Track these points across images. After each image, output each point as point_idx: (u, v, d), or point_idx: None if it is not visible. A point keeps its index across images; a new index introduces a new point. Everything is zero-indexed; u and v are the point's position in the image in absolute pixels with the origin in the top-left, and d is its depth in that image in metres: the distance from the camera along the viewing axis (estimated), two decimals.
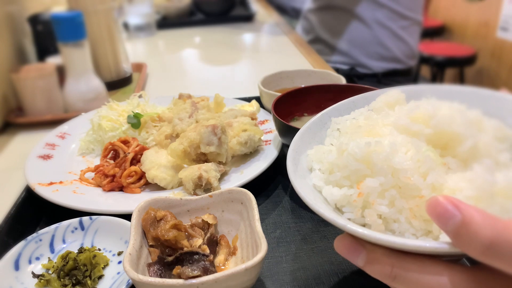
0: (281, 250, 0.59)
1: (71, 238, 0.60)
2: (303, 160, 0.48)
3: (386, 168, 0.39)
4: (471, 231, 0.30)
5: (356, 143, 0.42)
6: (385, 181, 0.39)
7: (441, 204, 0.32)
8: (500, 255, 0.29)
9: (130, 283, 0.50)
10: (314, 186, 0.45)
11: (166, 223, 0.53)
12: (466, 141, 0.39)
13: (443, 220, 0.31)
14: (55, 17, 1.03)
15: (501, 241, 0.29)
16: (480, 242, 0.30)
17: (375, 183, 0.39)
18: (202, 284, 0.42)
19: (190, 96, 0.94)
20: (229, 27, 2.11)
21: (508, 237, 0.29)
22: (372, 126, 0.46)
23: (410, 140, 0.41)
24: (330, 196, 0.43)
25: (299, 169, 0.46)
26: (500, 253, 0.29)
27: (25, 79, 1.05)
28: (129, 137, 0.81)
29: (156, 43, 1.96)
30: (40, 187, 0.69)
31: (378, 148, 0.40)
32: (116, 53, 1.30)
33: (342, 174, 0.43)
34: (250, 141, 0.76)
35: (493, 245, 0.29)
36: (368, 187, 0.39)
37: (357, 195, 0.40)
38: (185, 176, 0.67)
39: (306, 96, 0.83)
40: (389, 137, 0.43)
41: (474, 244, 0.30)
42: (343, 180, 0.43)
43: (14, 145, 1.00)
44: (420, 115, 0.43)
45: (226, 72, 1.55)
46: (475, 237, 0.30)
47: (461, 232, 0.31)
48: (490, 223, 0.30)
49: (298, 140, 0.50)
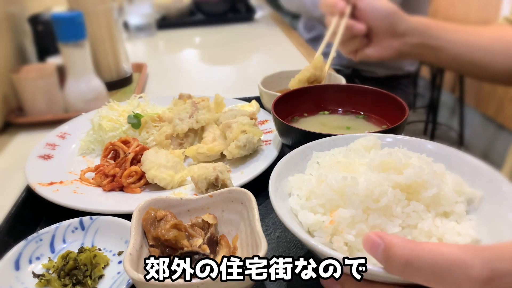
0: (281, 250, 0.59)
1: (72, 238, 0.60)
2: (284, 185, 0.53)
3: (358, 203, 0.44)
4: (391, 254, 0.35)
5: (334, 176, 0.47)
6: (356, 214, 0.44)
7: (370, 237, 0.37)
8: (416, 272, 0.35)
9: (130, 283, 0.50)
10: (291, 209, 0.50)
11: (166, 223, 0.53)
12: (431, 189, 0.45)
13: (373, 250, 0.37)
14: (55, 17, 1.03)
15: (414, 258, 0.34)
16: (398, 261, 0.35)
17: (347, 214, 0.44)
18: (202, 284, 0.42)
19: (190, 96, 0.94)
20: (229, 27, 2.11)
21: (420, 254, 0.34)
22: (349, 163, 0.52)
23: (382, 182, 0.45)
24: (304, 219, 0.47)
25: (280, 192, 0.51)
26: (415, 269, 0.34)
27: (26, 79, 1.05)
28: (130, 137, 0.81)
29: (156, 43, 1.96)
30: (40, 187, 0.69)
31: (353, 183, 0.45)
32: (116, 53, 1.30)
33: (318, 201, 0.47)
34: (249, 143, 0.76)
35: (408, 263, 0.34)
36: (339, 217, 0.44)
37: (329, 222, 0.45)
38: (198, 175, 0.67)
39: (306, 96, 0.83)
40: (364, 175, 0.48)
41: (395, 264, 0.35)
42: (318, 207, 0.47)
43: (15, 145, 1.00)
44: (392, 162, 0.48)
45: (226, 72, 1.55)
46: (394, 258, 0.35)
47: (385, 256, 0.36)
48: (405, 245, 0.35)
49: (281, 166, 0.55)
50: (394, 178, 0.46)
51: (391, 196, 0.44)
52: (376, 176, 0.47)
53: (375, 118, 0.79)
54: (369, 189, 0.44)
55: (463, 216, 0.46)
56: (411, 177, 0.45)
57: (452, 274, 0.33)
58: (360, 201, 0.44)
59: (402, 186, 0.45)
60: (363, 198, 0.44)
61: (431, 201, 0.45)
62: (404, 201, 0.45)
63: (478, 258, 0.33)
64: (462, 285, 0.33)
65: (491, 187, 0.49)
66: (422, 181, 0.45)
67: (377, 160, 0.49)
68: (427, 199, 0.45)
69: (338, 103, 0.83)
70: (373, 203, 0.44)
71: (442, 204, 0.46)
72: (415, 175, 0.45)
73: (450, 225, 0.45)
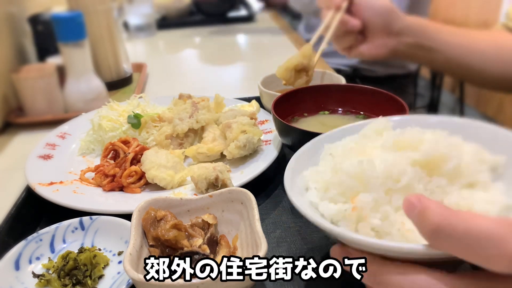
0: (281, 250, 0.59)
1: (72, 238, 0.60)
2: (299, 181, 0.51)
3: (379, 186, 0.42)
4: (425, 217, 0.35)
5: (349, 162, 0.46)
6: (378, 197, 0.42)
7: (409, 199, 0.37)
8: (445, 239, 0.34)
9: (130, 283, 0.50)
10: (310, 203, 0.48)
11: (166, 223, 0.53)
12: (450, 162, 0.43)
13: (409, 212, 0.37)
14: (55, 17, 1.03)
15: (445, 224, 0.34)
16: (429, 226, 0.35)
17: (369, 198, 0.42)
18: (202, 284, 0.42)
19: (190, 96, 0.94)
20: (229, 27, 2.11)
21: (452, 221, 0.34)
22: (363, 148, 0.50)
23: (400, 161, 0.44)
24: (326, 211, 0.46)
25: (296, 188, 0.50)
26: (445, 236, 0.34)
27: (26, 79, 1.05)
28: (129, 137, 0.81)
29: (156, 43, 1.96)
30: (40, 187, 0.69)
31: (370, 166, 0.44)
32: (116, 53, 1.30)
33: (337, 191, 0.46)
34: (249, 143, 0.76)
35: (439, 229, 0.34)
36: (361, 202, 0.42)
37: (352, 209, 0.43)
38: (198, 175, 0.67)
39: (306, 96, 0.83)
40: (379, 157, 0.46)
41: (426, 229, 0.35)
42: (338, 197, 0.46)
43: (15, 145, 1.00)
44: (406, 140, 0.47)
45: (226, 72, 1.55)
46: (427, 222, 0.35)
47: (419, 219, 0.36)
48: (441, 211, 0.35)
49: (294, 163, 0.53)
50: (411, 156, 0.44)
51: (411, 174, 0.42)
52: (392, 156, 0.45)
53: (375, 118, 0.79)
54: (387, 170, 0.43)
55: (489, 184, 0.44)
56: (428, 152, 0.43)
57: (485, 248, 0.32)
58: (380, 183, 0.42)
59: (420, 163, 0.44)
60: (383, 180, 0.42)
61: (452, 173, 0.43)
62: (425, 177, 0.43)
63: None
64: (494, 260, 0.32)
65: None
66: (440, 155, 0.43)
67: (390, 141, 0.47)
68: (448, 172, 0.43)
69: (338, 103, 0.83)
70: (393, 184, 0.42)
71: (464, 175, 0.43)
72: (431, 150, 0.43)
73: (478, 195, 0.42)
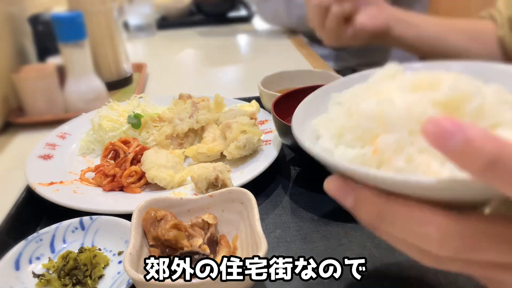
0: (281, 250, 0.59)
1: (72, 238, 0.60)
2: (307, 130, 0.46)
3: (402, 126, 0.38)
4: (475, 147, 0.28)
5: (367, 103, 0.41)
6: (402, 137, 0.38)
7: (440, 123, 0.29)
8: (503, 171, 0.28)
9: (130, 283, 0.50)
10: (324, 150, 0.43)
11: (166, 223, 0.53)
12: (474, 100, 0.38)
13: (442, 140, 0.29)
14: (55, 17, 1.03)
15: (506, 156, 0.28)
16: (484, 156, 0.28)
17: (391, 139, 0.38)
18: (202, 284, 0.42)
19: (190, 96, 0.94)
20: (229, 27, 2.11)
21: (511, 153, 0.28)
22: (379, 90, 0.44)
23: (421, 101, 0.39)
24: (343, 156, 0.41)
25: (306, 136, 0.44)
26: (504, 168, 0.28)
27: (26, 79, 1.05)
28: (130, 137, 0.81)
29: (156, 43, 1.96)
30: (40, 187, 0.69)
31: (390, 105, 0.39)
32: (116, 53, 1.30)
33: (353, 135, 0.41)
34: (249, 143, 0.76)
35: (498, 160, 0.28)
36: (383, 144, 0.38)
37: (372, 152, 0.38)
38: (198, 175, 0.68)
39: (306, 96, 0.83)
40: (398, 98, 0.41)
41: (478, 160, 0.28)
42: (354, 142, 0.41)
43: (15, 145, 1.00)
44: (425, 80, 0.42)
45: (226, 72, 1.55)
46: (479, 152, 0.28)
47: (465, 150, 0.28)
48: (495, 139, 0.28)
49: (300, 112, 0.48)
50: (432, 96, 0.40)
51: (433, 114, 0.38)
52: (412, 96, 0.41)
53: None
54: (409, 109, 0.38)
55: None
56: (449, 92, 0.39)
57: None
58: (403, 123, 0.38)
59: (442, 103, 0.40)
60: (405, 120, 0.38)
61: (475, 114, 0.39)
62: None
63: None
64: None
65: None
66: (462, 93, 0.39)
67: (407, 82, 0.43)
68: (472, 112, 0.39)
69: None
70: (416, 125, 0.38)
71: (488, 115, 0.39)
72: (452, 89, 0.39)
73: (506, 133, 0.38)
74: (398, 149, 0.38)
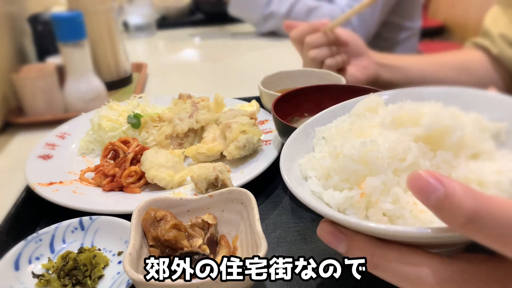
0: (281, 250, 0.59)
1: (71, 238, 0.60)
2: (295, 170, 0.48)
3: (386, 167, 0.40)
4: (454, 203, 0.30)
5: (351, 144, 0.42)
6: (388, 179, 0.39)
7: (423, 178, 0.31)
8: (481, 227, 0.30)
9: (130, 283, 0.50)
10: (313, 193, 0.45)
11: (166, 223, 0.53)
12: (454, 133, 0.40)
13: (425, 194, 0.31)
14: (55, 17, 1.03)
15: (483, 213, 0.30)
16: (463, 213, 0.30)
17: (377, 181, 0.39)
18: (202, 284, 0.42)
19: (190, 96, 0.94)
20: (229, 27, 2.11)
21: (490, 209, 0.30)
22: (361, 128, 0.46)
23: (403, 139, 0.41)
24: (332, 200, 0.42)
25: (294, 178, 0.46)
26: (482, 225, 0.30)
27: (25, 79, 1.05)
28: (129, 137, 0.81)
29: (156, 43, 1.96)
30: (40, 187, 0.69)
31: (374, 146, 0.41)
32: (116, 53, 1.30)
33: (340, 177, 0.43)
34: (249, 143, 0.76)
35: (476, 217, 0.30)
36: (370, 187, 0.39)
37: (360, 196, 0.40)
38: (198, 175, 0.67)
39: (306, 96, 0.83)
40: (381, 136, 0.43)
41: (457, 215, 0.30)
42: (342, 184, 0.43)
43: (14, 145, 1.00)
44: (406, 115, 0.44)
45: (226, 72, 1.55)
46: (458, 209, 0.30)
47: (444, 204, 0.30)
48: (473, 196, 0.30)
49: (287, 151, 0.50)
50: (413, 131, 0.42)
51: (416, 151, 0.40)
52: (394, 133, 0.43)
53: None
54: (392, 149, 0.40)
55: (494, 153, 0.42)
56: (430, 126, 0.41)
57: None
58: (387, 163, 0.40)
59: (423, 138, 0.42)
60: (390, 160, 0.40)
61: (457, 146, 0.41)
62: (429, 153, 0.41)
63: None
64: None
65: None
66: (443, 127, 0.41)
67: (389, 117, 0.45)
68: (452, 145, 0.41)
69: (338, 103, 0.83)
70: (400, 163, 0.40)
71: (468, 146, 0.41)
72: (433, 123, 0.41)
73: (486, 165, 0.40)
74: (384, 191, 0.40)
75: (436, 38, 3.94)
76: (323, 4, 1.71)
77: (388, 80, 1.13)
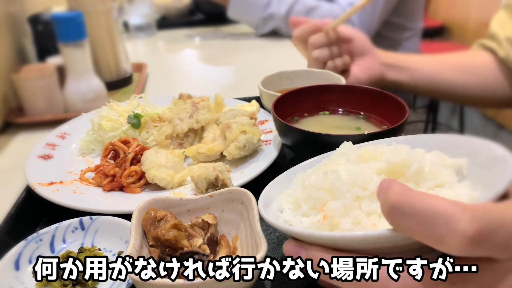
0: (281, 250, 0.59)
1: (72, 238, 0.60)
2: (275, 204, 0.53)
3: (345, 191, 0.44)
4: (386, 195, 0.36)
5: (316, 175, 0.48)
6: (347, 203, 0.44)
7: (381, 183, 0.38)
8: (400, 217, 0.35)
9: (130, 283, 0.50)
10: (285, 222, 0.49)
11: (166, 223, 0.53)
12: (413, 165, 0.45)
13: (378, 193, 0.38)
14: (55, 17, 1.03)
15: (402, 202, 0.34)
16: (387, 203, 0.35)
17: (337, 204, 0.44)
18: (202, 284, 0.42)
19: (190, 96, 0.94)
20: (229, 27, 2.11)
21: (409, 199, 0.34)
22: (329, 165, 0.52)
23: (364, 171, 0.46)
24: (300, 224, 0.47)
25: (271, 211, 0.51)
26: (400, 214, 0.34)
27: (25, 79, 1.05)
28: (130, 137, 0.81)
29: (156, 43, 1.96)
30: (40, 187, 0.69)
31: (335, 175, 0.46)
32: (116, 53, 1.30)
33: (307, 205, 0.47)
34: (249, 144, 0.76)
35: (395, 206, 0.35)
36: (331, 209, 0.44)
37: (323, 218, 0.44)
38: (198, 175, 0.68)
39: (306, 96, 0.83)
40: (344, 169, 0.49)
41: (384, 206, 0.36)
42: (309, 211, 0.47)
43: (14, 145, 1.00)
44: (369, 153, 0.49)
45: (226, 72, 1.55)
46: (386, 200, 0.36)
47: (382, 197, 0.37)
48: (401, 190, 0.35)
49: (268, 191, 0.54)
50: (375, 166, 0.47)
51: (377, 181, 0.43)
52: (357, 167, 0.48)
53: (375, 118, 0.79)
54: (352, 178, 0.45)
55: (455, 184, 0.45)
56: (390, 160, 0.46)
57: (436, 226, 0.32)
58: (346, 189, 0.44)
59: (385, 171, 0.46)
60: (349, 187, 0.44)
61: (417, 177, 0.45)
62: None
63: (467, 214, 0.32)
64: (445, 239, 0.32)
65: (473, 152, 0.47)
66: (401, 161, 0.45)
67: (353, 155, 0.50)
68: (412, 176, 0.45)
69: (338, 103, 0.83)
70: (361, 191, 0.44)
71: (430, 178, 0.45)
72: (393, 157, 0.46)
73: (445, 192, 0.44)
74: (345, 213, 0.44)
75: (436, 38, 3.94)
76: (323, 3, 1.71)
77: (393, 80, 1.11)
